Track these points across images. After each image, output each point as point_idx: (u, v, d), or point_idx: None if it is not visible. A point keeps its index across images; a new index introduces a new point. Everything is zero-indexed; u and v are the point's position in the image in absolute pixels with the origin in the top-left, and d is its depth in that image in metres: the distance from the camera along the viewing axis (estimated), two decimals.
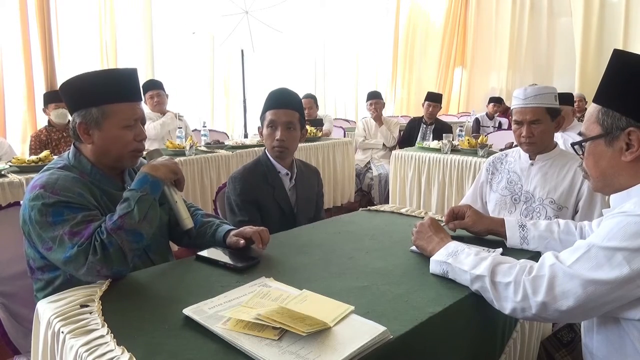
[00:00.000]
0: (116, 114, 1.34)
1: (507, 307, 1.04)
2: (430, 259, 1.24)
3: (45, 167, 1.35)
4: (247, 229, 1.39)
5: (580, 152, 1.13)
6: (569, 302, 0.96)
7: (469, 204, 1.55)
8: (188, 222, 1.39)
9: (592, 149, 1.08)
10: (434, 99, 5.06)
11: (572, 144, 1.15)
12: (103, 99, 1.33)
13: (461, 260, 1.14)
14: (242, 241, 1.36)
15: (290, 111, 1.88)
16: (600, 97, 1.06)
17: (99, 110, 1.32)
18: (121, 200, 1.27)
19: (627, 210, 0.96)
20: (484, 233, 1.49)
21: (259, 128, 1.98)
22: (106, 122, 1.33)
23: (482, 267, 1.08)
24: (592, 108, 1.08)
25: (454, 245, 1.23)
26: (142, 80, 5.06)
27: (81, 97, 1.34)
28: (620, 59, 1.05)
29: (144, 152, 1.47)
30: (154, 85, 4.25)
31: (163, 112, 4.26)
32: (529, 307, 1.00)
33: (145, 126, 1.46)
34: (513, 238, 1.42)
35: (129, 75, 1.39)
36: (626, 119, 1.00)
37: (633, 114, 1.00)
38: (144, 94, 4.24)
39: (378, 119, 5.09)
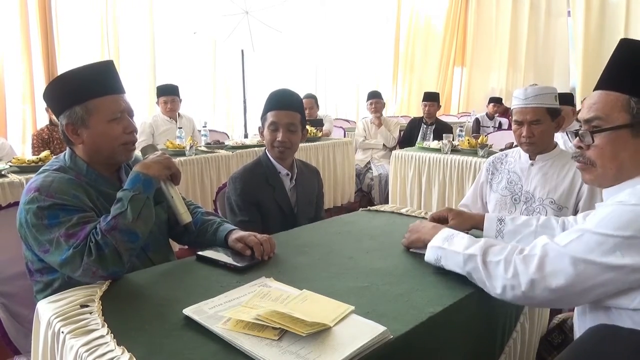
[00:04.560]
0: (100, 109, 1.32)
1: (497, 286, 1.04)
2: (428, 245, 1.24)
3: (41, 169, 1.34)
4: (252, 237, 1.35)
5: (590, 141, 1.06)
6: (559, 281, 0.96)
7: (448, 207, 1.55)
8: (185, 217, 1.38)
9: (614, 138, 1.02)
10: (430, 98, 5.09)
11: (582, 131, 1.08)
12: (84, 96, 1.31)
13: (455, 243, 1.16)
14: (248, 251, 1.32)
15: (291, 112, 1.88)
16: (628, 86, 1.01)
17: (82, 108, 1.30)
18: (115, 200, 1.27)
19: (622, 200, 0.97)
20: (469, 230, 1.50)
21: (259, 128, 1.98)
22: (92, 119, 1.31)
23: (474, 248, 1.10)
24: (611, 96, 1.03)
25: (448, 230, 1.24)
26: (143, 80, 5.14)
27: (63, 98, 1.32)
28: None
29: (139, 148, 1.46)
30: (169, 92, 4.30)
31: (174, 118, 4.33)
32: (518, 285, 1.00)
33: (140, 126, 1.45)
34: (489, 230, 1.44)
35: (106, 69, 1.37)
36: None
37: None
38: (158, 98, 4.28)
39: (377, 120, 5.09)
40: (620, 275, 0.93)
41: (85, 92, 1.31)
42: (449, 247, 1.16)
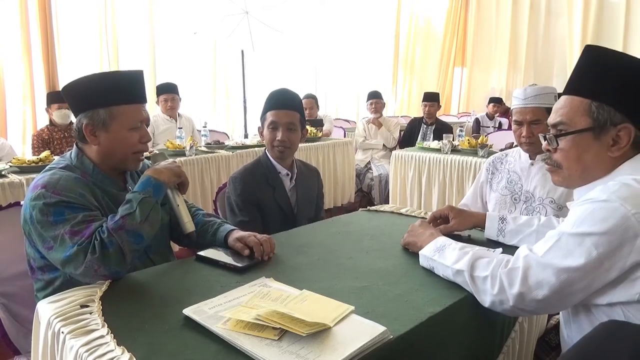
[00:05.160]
0: (124, 116, 1.35)
1: (486, 301, 1.06)
2: (420, 252, 1.26)
3: (47, 167, 1.35)
4: (251, 237, 1.35)
5: (555, 144, 1.11)
6: (544, 291, 0.97)
7: (449, 205, 1.56)
8: (189, 226, 1.39)
9: (577, 142, 1.07)
10: (430, 98, 5.09)
11: (549, 135, 1.12)
12: (111, 100, 1.33)
13: (445, 256, 1.17)
14: (246, 251, 1.33)
15: (291, 112, 1.88)
16: (590, 91, 1.05)
17: (106, 112, 1.33)
18: (124, 201, 1.28)
19: (593, 197, 0.98)
20: (471, 229, 1.52)
21: (259, 128, 1.98)
22: (113, 124, 1.34)
23: (462, 262, 1.11)
24: (575, 101, 1.07)
25: (442, 240, 1.25)
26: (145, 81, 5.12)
27: (88, 98, 1.34)
28: (620, 59, 1.06)
29: (149, 155, 1.47)
30: (170, 90, 4.32)
31: (174, 117, 4.35)
32: (507, 300, 1.01)
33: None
34: (491, 229, 1.45)
35: (136, 78, 1.40)
36: (621, 115, 1.02)
37: (628, 111, 1.02)
38: (157, 96, 4.30)
39: (376, 121, 5.09)
40: (599, 273, 0.94)
41: (112, 97, 1.33)
42: (438, 259, 1.18)
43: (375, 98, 5.12)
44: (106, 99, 1.33)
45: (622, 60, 1.05)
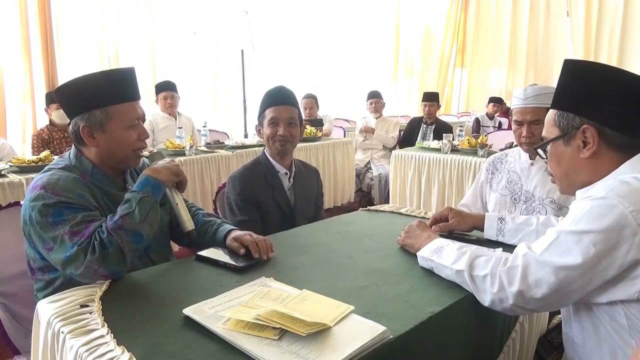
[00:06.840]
0: (120, 115, 1.34)
1: (486, 299, 1.06)
2: (417, 254, 1.27)
3: (46, 168, 1.35)
4: (247, 236, 1.36)
5: (545, 156, 1.18)
6: (543, 290, 0.98)
7: (448, 207, 1.58)
8: (189, 224, 1.39)
9: (553, 150, 1.14)
10: (429, 98, 5.09)
11: (535, 148, 1.22)
12: (106, 100, 1.32)
13: (443, 257, 1.18)
14: (242, 250, 1.33)
15: (290, 107, 1.91)
16: (556, 103, 1.14)
17: (102, 112, 1.32)
18: (123, 201, 1.28)
19: (591, 194, 0.99)
20: (470, 230, 1.53)
21: (256, 127, 2.00)
22: (110, 124, 1.33)
23: (461, 262, 1.11)
24: (549, 114, 1.15)
25: (439, 241, 1.26)
26: (143, 80, 5.13)
27: (82, 100, 1.33)
28: (570, 66, 1.12)
29: (146, 153, 1.47)
30: (169, 87, 4.33)
31: (174, 114, 4.34)
32: (506, 298, 1.02)
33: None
34: (490, 229, 1.46)
35: (128, 75, 1.39)
36: (579, 118, 1.07)
37: (585, 112, 1.06)
38: (157, 95, 4.29)
39: (369, 128, 5.04)
40: (597, 271, 0.95)
41: (107, 97, 1.32)
42: (437, 260, 1.19)
43: (375, 98, 5.12)
44: (102, 99, 1.32)
45: (584, 68, 1.12)
